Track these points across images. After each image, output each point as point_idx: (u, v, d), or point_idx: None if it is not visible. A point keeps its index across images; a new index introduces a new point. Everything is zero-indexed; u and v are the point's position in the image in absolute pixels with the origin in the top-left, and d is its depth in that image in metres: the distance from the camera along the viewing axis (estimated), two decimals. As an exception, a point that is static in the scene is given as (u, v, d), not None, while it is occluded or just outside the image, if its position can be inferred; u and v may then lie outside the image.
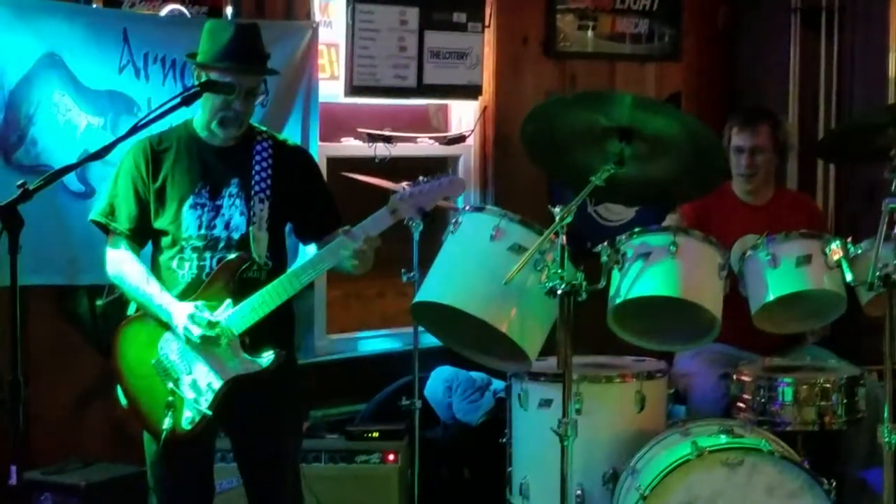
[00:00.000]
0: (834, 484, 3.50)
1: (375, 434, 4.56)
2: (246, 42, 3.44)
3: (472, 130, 5.48)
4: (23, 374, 2.86)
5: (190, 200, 3.45)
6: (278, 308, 3.38)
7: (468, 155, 5.54)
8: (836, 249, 3.67)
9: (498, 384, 4.72)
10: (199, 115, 3.50)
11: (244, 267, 3.41)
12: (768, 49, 6.06)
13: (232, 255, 3.42)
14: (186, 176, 3.47)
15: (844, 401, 3.88)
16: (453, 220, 3.67)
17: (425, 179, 3.50)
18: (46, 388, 4.30)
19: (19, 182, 2.94)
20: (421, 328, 4.10)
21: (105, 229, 3.51)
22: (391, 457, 4.47)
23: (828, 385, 3.89)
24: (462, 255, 3.62)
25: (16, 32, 4.19)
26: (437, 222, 4.11)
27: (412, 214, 3.53)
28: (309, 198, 3.57)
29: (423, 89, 5.25)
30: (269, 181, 3.47)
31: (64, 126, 4.31)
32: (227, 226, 3.45)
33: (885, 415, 3.33)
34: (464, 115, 5.55)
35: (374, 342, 5.38)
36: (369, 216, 3.44)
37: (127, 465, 4.13)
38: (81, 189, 4.31)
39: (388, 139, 5.18)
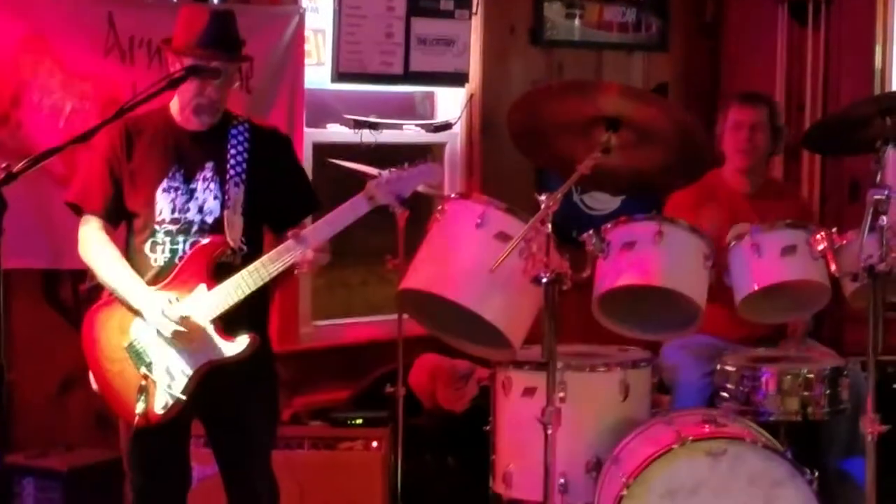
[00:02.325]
0: (816, 474, 3.51)
1: (359, 421, 4.55)
2: (221, 29, 3.41)
3: (459, 118, 5.48)
4: (5, 359, 2.85)
5: (163, 184, 3.42)
6: (253, 293, 3.37)
7: (454, 142, 5.53)
8: (820, 240, 3.68)
9: (482, 372, 4.72)
10: (175, 100, 3.48)
11: (219, 251, 3.40)
12: (755, 40, 6.06)
13: (205, 240, 3.41)
14: (160, 159, 3.44)
15: (828, 391, 3.90)
16: (439, 208, 3.67)
17: (403, 166, 3.49)
18: (29, 372, 4.27)
19: (3, 165, 2.93)
20: (406, 316, 4.09)
21: (79, 210, 3.49)
22: (375, 444, 4.46)
23: (811, 375, 3.89)
24: (447, 242, 3.61)
25: (0, 14, 4.16)
26: (422, 210, 4.10)
27: (389, 201, 3.51)
28: (285, 181, 3.55)
29: (409, 76, 5.23)
30: (244, 165, 3.45)
31: (48, 109, 4.29)
32: (200, 209, 3.42)
33: (868, 405, 3.34)
34: (450, 103, 5.55)
35: (359, 330, 5.37)
36: (346, 202, 3.43)
37: (109, 451, 4.12)
38: (66, 173, 4.28)
39: (374, 126, 5.16)
